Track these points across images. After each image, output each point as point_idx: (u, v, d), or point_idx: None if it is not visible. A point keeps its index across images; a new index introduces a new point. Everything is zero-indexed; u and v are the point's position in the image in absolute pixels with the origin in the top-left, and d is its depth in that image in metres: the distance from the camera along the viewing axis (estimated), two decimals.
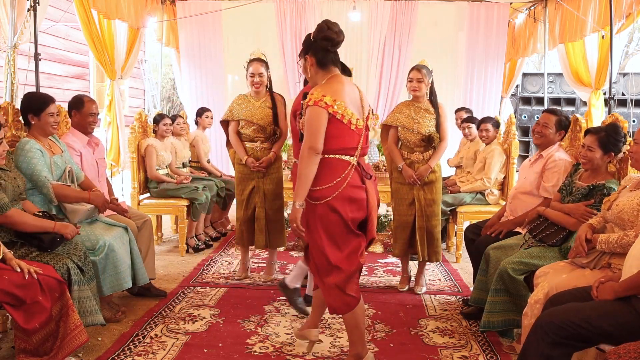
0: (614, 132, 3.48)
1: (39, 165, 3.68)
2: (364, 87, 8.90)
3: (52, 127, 3.86)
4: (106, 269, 3.73)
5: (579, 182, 3.61)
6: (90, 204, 3.89)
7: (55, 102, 3.91)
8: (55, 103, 3.90)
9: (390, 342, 3.68)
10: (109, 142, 6.92)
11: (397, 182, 4.71)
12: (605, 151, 3.47)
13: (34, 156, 3.67)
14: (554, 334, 2.48)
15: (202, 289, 4.71)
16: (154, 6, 7.97)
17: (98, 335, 3.68)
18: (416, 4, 8.75)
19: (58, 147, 3.98)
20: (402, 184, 4.67)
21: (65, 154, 4.00)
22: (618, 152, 3.48)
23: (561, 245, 3.51)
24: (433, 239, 4.69)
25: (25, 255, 3.22)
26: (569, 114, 4.27)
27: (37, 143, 3.75)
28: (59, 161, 3.86)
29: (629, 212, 2.88)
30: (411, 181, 4.60)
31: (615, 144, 3.46)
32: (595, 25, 6.31)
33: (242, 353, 3.48)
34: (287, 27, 8.85)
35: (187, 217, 5.89)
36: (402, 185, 4.68)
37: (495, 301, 3.56)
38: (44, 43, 6.87)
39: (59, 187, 3.76)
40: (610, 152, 3.47)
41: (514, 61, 9.19)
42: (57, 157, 3.87)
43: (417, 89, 4.55)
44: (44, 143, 3.84)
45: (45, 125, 3.82)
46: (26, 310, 2.88)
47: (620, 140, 3.46)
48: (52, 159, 3.80)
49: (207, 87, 9.21)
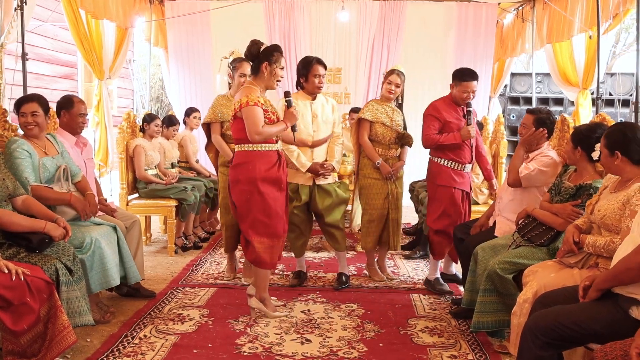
0: (590, 130, 3.50)
1: (22, 165, 3.65)
2: (353, 87, 8.95)
3: (25, 128, 3.80)
4: (93, 266, 3.71)
5: (567, 183, 3.62)
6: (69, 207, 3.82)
7: (28, 102, 3.81)
8: (28, 103, 3.80)
9: (379, 342, 3.69)
10: (97, 142, 6.90)
11: (371, 177, 4.87)
12: (575, 146, 3.53)
13: (18, 156, 3.65)
14: (544, 336, 2.50)
15: (191, 290, 4.70)
16: (142, 6, 7.95)
17: (87, 336, 3.66)
18: (405, 4, 8.78)
19: (54, 148, 3.95)
20: (377, 180, 4.85)
21: (63, 155, 3.97)
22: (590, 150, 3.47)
23: (549, 245, 3.53)
24: (399, 228, 5.02)
25: (14, 256, 3.19)
26: (557, 114, 4.29)
27: (27, 143, 3.72)
28: (48, 163, 3.82)
29: (612, 216, 2.88)
30: (388, 177, 4.79)
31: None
32: (582, 25, 6.35)
33: (232, 353, 3.47)
34: (275, 27, 8.85)
35: (175, 218, 5.88)
36: (377, 181, 4.86)
37: (485, 301, 3.58)
38: (32, 43, 6.82)
39: (38, 189, 3.68)
40: (577, 147, 3.51)
41: (502, 61, 9.23)
42: (48, 159, 3.83)
43: (394, 92, 4.80)
44: (39, 144, 3.82)
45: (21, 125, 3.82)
46: (14, 311, 2.86)
47: (593, 137, 3.44)
48: (41, 160, 3.77)
49: (196, 87, 9.20)
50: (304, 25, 8.88)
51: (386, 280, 5.05)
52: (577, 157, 3.55)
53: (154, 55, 9.35)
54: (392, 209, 4.88)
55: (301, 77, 4.64)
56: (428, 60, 8.96)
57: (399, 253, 5.90)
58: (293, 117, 4.00)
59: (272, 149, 3.95)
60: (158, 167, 6.14)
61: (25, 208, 3.47)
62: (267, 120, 3.87)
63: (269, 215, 3.92)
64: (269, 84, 3.98)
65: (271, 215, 3.93)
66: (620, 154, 2.90)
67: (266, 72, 3.92)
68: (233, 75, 4.80)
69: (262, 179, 3.87)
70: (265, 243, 3.95)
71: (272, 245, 3.98)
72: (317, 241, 6.52)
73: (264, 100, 3.89)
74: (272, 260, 4.02)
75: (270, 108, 3.93)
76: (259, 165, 3.88)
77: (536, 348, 2.52)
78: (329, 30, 8.93)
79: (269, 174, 3.89)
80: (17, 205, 3.46)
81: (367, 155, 4.86)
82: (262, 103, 3.85)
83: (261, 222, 3.92)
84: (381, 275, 5.10)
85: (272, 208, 3.92)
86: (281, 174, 3.98)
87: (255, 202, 3.89)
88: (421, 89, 8.62)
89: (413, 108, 7.20)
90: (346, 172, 6.25)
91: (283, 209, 4.06)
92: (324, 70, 4.62)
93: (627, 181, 2.91)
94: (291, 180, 4.61)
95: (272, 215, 3.93)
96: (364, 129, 4.85)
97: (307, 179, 4.66)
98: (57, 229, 3.35)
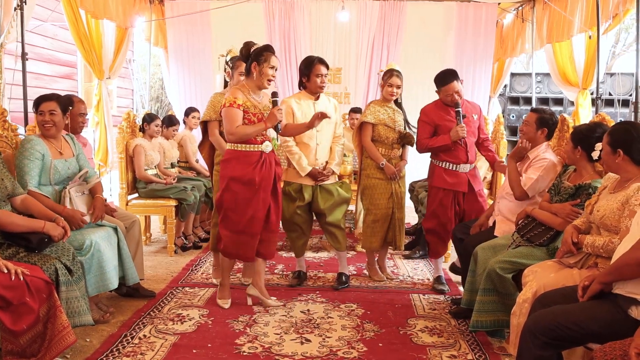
0: (590, 130, 3.49)
1: (27, 167, 3.67)
2: (353, 87, 8.94)
3: (42, 127, 3.82)
4: (91, 269, 3.70)
5: (566, 182, 3.62)
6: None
7: (46, 100, 3.83)
8: (47, 102, 3.82)
9: (379, 342, 3.69)
10: (97, 142, 6.90)
11: (375, 177, 4.87)
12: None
13: (27, 156, 3.68)
14: (544, 336, 2.50)
15: (190, 290, 4.70)
16: (142, 6, 7.95)
17: (86, 336, 3.66)
18: (405, 4, 8.77)
19: (70, 150, 3.96)
20: (381, 180, 4.85)
21: (79, 157, 3.99)
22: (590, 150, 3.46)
23: (549, 245, 3.53)
24: (403, 228, 5.01)
25: (13, 256, 3.19)
26: (557, 114, 4.29)
27: (42, 143, 3.75)
28: (60, 165, 3.82)
29: (611, 217, 2.88)
30: (393, 177, 4.81)
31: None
32: (582, 25, 6.34)
33: (231, 353, 3.47)
34: (275, 27, 8.84)
35: (175, 218, 5.88)
36: (381, 181, 4.86)
37: (485, 301, 3.58)
38: (32, 42, 6.83)
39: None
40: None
41: (502, 61, 9.22)
42: (60, 161, 3.84)
43: (395, 94, 4.82)
44: (55, 144, 3.82)
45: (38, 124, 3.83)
46: (13, 311, 2.86)
47: (593, 137, 3.44)
48: (53, 162, 3.77)
49: (196, 87, 9.19)
50: (304, 25, 8.87)
51: (386, 280, 5.05)
52: (577, 157, 3.54)
53: (154, 55, 9.35)
54: (397, 209, 4.89)
55: (303, 77, 4.65)
56: (428, 60, 8.93)
57: (398, 253, 5.90)
58: (274, 118, 4.06)
59: (254, 150, 4.08)
60: (158, 167, 6.14)
61: (24, 208, 3.48)
62: (247, 121, 4.03)
63: (237, 213, 4.09)
64: (259, 84, 4.09)
65: (239, 214, 4.09)
66: (623, 152, 2.89)
67: (255, 72, 4.04)
68: (232, 74, 4.80)
69: (232, 178, 4.06)
70: (231, 237, 4.15)
71: (239, 240, 4.15)
72: (316, 241, 6.52)
73: (243, 101, 4.02)
74: (238, 252, 4.22)
75: (253, 109, 4.05)
76: (234, 165, 4.07)
77: (536, 348, 2.52)
78: (328, 30, 8.92)
79: (242, 174, 4.04)
80: (16, 204, 3.46)
81: (370, 156, 4.87)
82: (241, 104, 4.00)
83: (229, 218, 4.13)
84: (381, 275, 5.10)
85: (241, 207, 4.09)
86: (256, 176, 4.05)
87: (227, 198, 4.10)
88: (421, 88, 8.57)
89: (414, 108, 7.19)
90: (346, 172, 6.25)
91: (259, 209, 4.12)
92: (326, 70, 4.63)
93: (626, 181, 2.91)
94: (295, 180, 4.63)
95: (240, 213, 4.09)
96: (366, 131, 4.85)
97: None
98: (56, 229, 3.35)
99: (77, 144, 4.06)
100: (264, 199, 4.14)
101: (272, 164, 4.16)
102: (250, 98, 4.07)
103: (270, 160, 4.15)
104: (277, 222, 4.31)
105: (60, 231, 3.37)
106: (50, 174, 3.76)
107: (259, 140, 4.09)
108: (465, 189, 4.64)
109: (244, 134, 4.01)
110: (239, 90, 4.08)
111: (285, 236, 5.22)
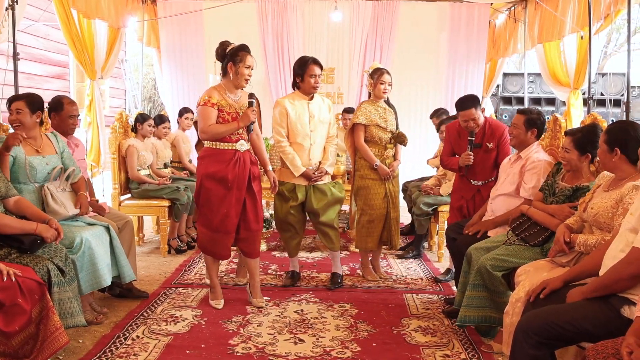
0: (592, 133, 3.45)
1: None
2: (346, 87, 8.95)
3: (12, 126, 3.81)
4: (84, 267, 3.69)
5: (562, 183, 3.59)
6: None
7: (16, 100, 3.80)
8: (16, 101, 3.78)
9: (372, 342, 3.69)
10: (90, 142, 6.87)
11: (369, 178, 4.90)
12: (582, 152, 3.43)
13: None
14: (537, 335, 2.50)
15: (184, 290, 4.69)
16: (135, 5, 7.93)
17: (79, 337, 3.64)
18: (397, 4, 8.79)
19: (52, 147, 3.92)
20: (375, 180, 4.89)
21: (63, 154, 3.94)
22: (596, 153, 3.45)
23: (542, 245, 3.53)
24: (398, 227, 5.10)
25: (5, 257, 3.17)
26: (549, 113, 4.29)
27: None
28: (36, 162, 3.74)
29: (604, 214, 2.89)
30: (386, 177, 4.86)
31: (592, 145, 3.39)
32: (574, 25, 6.37)
33: (225, 354, 3.47)
34: (268, 27, 8.86)
35: (168, 218, 5.87)
36: (375, 181, 4.90)
37: (473, 296, 3.59)
38: (23, 42, 6.80)
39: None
40: (587, 154, 3.43)
41: (495, 61, 9.26)
42: (36, 158, 3.77)
43: (388, 91, 4.87)
44: (31, 142, 3.78)
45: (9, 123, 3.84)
46: (5, 312, 2.84)
47: (597, 140, 3.43)
48: (28, 159, 3.71)
49: (189, 87, 9.19)
50: (297, 25, 8.88)
51: (379, 280, 5.05)
52: (585, 163, 3.48)
53: (147, 55, 9.34)
54: (392, 208, 4.94)
55: (297, 77, 4.64)
56: (420, 60, 8.99)
57: (392, 252, 5.91)
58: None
59: (228, 148, 4.15)
60: (151, 167, 6.11)
61: (17, 209, 3.45)
62: (222, 119, 4.11)
63: (211, 211, 4.17)
64: (236, 83, 4.15)
65: (212, 211, 4.17)
66: (620, 151, 2.90)
67: (231, 72, 4.09)
68: None
69: (207, 175, 4.14)
70: (206, 234, 4.25)
71: (214, 238, 4.23)
72: (310, 241, 6.52)
73: (218, 100, 4.09)
74: (214, 250, 4.29)
75: (228, 108, 4.12)
76: (208, 162, 4.16)
77: (529, 347, 2.52)
78: (322, 30, 8.94)
79: (216, 171, 4.11)
80: (9, 206, 3.44)
81: (364, 157, 4.88)
82: (215, 103, 4.07)
83: (204, 214, 4.23)
84: (375, 275, 5.10)
85: (214, 204, 4.15)
86: (229, 173, 4.11)
87: (202, 195, 4.20)
88: (414, 89, 8.66)
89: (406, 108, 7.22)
90: (339, 172, 6.25)
91: (232, 207, 4.17)
92: (320, 70, 4.64)
93: (621, 180, 2.92)
94: (288, 180, 4.64)
95: (213, 210, 4.16)
96: (359, 133, 4.87)
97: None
98: (49, 230, 3.33)
99: (60, 142, 4.00)
100: (238, 198, 4.18)
101: (246, 163, 4.20)
102: (226, 97, 4.14)
103: (245, 159, 4.20)
104: (255, 221, 4.32)
105: (52, 233, 3.34)
106: (27, 171, 3.71)
107: (234, 139, 4.15)
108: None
109: (215, 133, 4.08)
110: (215, 89, 4.16)
111: (279, 236, 5.22)
